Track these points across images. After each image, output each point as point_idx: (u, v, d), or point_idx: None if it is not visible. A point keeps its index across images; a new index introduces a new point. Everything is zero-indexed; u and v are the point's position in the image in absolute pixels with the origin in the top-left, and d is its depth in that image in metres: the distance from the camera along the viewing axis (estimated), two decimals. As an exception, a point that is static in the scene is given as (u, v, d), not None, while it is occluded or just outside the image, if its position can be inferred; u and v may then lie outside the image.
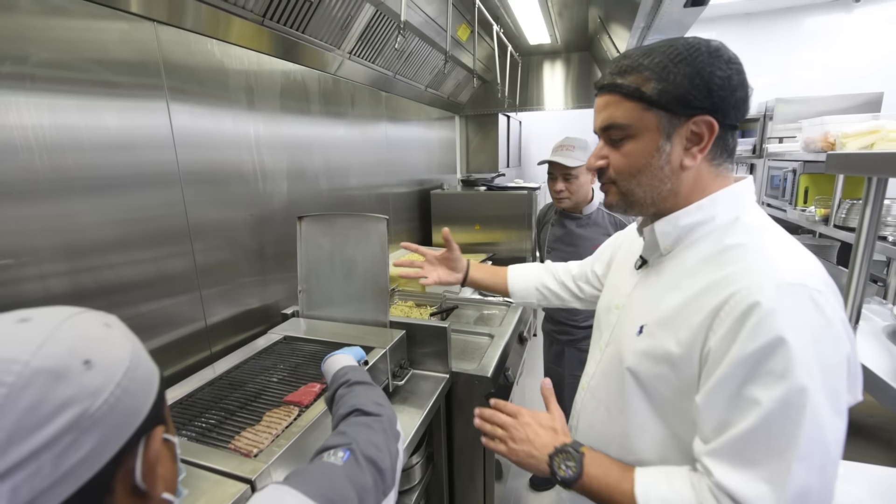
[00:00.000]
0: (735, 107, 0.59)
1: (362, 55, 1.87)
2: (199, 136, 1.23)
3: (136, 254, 1.08)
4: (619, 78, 0.63)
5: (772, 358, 0.50)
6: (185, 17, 1.14)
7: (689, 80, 0.58)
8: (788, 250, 0.58)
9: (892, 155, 0.74)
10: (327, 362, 0.89)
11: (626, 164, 0.64)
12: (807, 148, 2.42)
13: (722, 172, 0.64)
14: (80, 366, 0.35)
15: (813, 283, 0.53)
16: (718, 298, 0.55)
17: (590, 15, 2.55)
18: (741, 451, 0.52)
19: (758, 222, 0.62)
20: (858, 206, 2.09)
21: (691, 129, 0.60)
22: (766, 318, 0.51)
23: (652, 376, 0.63)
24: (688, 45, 0.59)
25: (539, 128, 4.84)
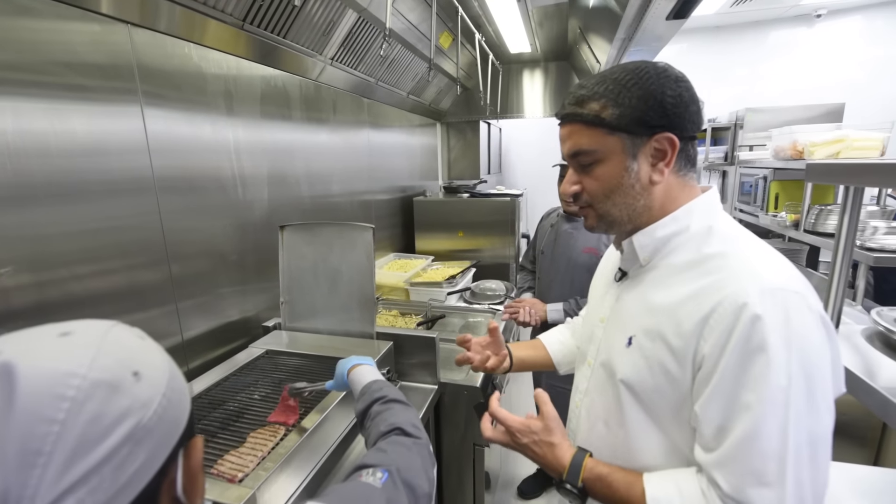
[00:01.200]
0: (690, 120, 0.63)
1: (344, 61, 1.84)
2: (176, 142, 1.18)
3: (107, 265, 1.02)
4: (578, 108, 0.66)
5: (758, 361, 0.53)
6: (160, 19, 1.09)
7: (643, 102, 0.62)
8: (765, 257, 0.61)
9: (871, 165, 0.77)
10: (353, 373, 0.86)
11: (599, 187, 0.67)
12: (777, 156, 2.52)
13: (688, 182, 0.68)
14: (130, 377, 0.35)
15: (793, 286, 0.56)
16: (707, 306, 0.57)
17: (569, 25, 2.59)
18: (742, 457, 0.53)
19: (731, 231, 0.65)
20: (826, 212, 2.19)
21: (654, 147, 0.64)
22: (753, 324, 0.53)
23: (646, 387, 0.63)
24: (636, 70, 0.63)
25: (519, 135, 4.89)
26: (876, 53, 3.90)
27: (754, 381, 0.53)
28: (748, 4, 3.60)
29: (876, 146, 2.02)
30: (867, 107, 3.47)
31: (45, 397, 0.31)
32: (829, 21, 3.96)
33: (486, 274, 2.57)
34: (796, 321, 0.53)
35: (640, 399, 0.64)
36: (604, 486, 0.65)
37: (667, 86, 0.62)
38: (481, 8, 2.21)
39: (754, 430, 0.52)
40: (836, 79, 3.99)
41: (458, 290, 2.16)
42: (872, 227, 1.94)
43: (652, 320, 0.64)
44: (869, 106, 3.53)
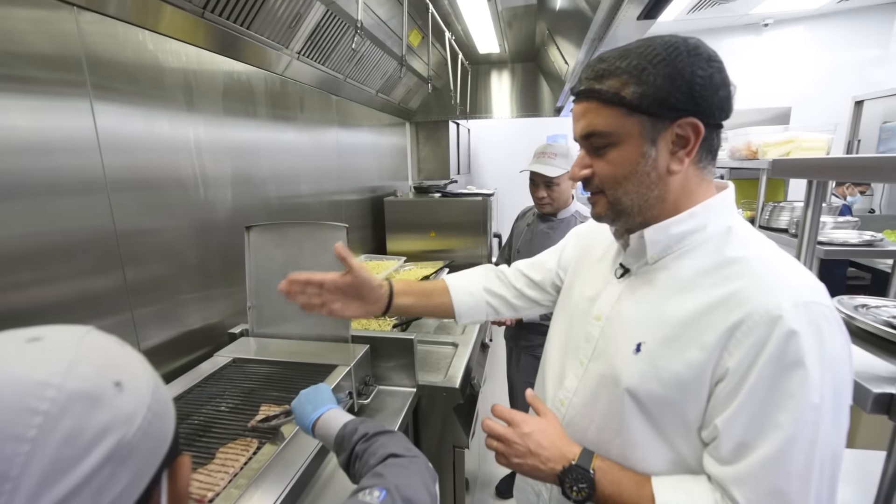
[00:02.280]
0: (719, 106, 0.57)
1: (312, 56, 1.78)
2: (130, 139, 1.10)
3: (52, 271, 0.93)
4: (596, 83, 0.60)
5: (793, 379, 0.50)
6: (110, 3, 1.01)
7: (669, 82, 0.55)
8: (791, 265, 0.57)
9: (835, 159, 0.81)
10: (318, 425, 0.74)
11: (612, 172, 0.61)
12: (733, 156, 2.64)
13: (706, 176, 0.63)
14: (112, 388, 0.31)
15: (824, 301, 0.53)
16: (734, 316, 0.54)
17: (538, 27, 2.63)
18: (766, 476, 0.51)
19: (750, 234, 0.61)
20: (779, 209, 2.31)
21: (676, 133, 0.58)
22: (789, 339, 0.50)
23: (656, 398, 0.59)
24: (665, 45, 0.57)
25: (487, 135, 4.92)
26: (819, 61, 4.19)
27: (788, 398, 0.50)
28: (702, 13, 3.78)
29: (822, 146, 2.16)
30: (812, 110, 3.72)
31: (13, 411, 0.27)
32: (776, 30, 4.22)
33: (459, 274, 2.55)
34: (830, 338, 0.51)
35: (646, 409, 0.60)
36: (614, 478, 0.60)
37: (697, 65, 0.55)
38: (451, 6, 2.20)
39: (782, 450, 0.50)
40: (783, 84, 4.25)
41: (432, 290, 2.13)
42: (821, 222, 2.06)
43: (668, 328, 0.59)
44: (813, 109, 3.78)
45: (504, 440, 0.67)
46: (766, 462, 0.51)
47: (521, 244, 1.84)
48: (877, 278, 2.95)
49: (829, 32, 4.10)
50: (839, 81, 4.07)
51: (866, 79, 3.98)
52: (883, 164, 0.69)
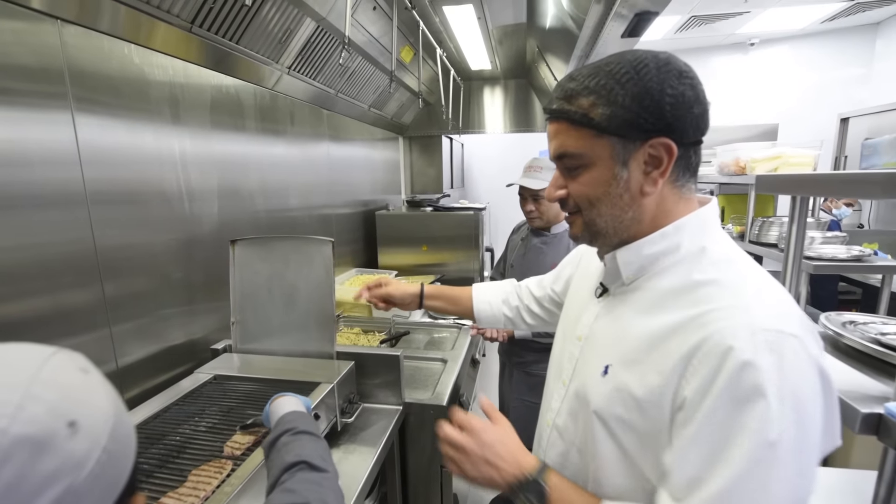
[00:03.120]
0: (693, 125, 0.56)
1: (303, 71, 1.79)
2: (112, 152, 1.08)
3: (26, 286, 0.90)
4: (566, 103, 0.58)
5: (747, 413, 0.47)
6: (96, 16, 1.01)
7: (638, 102, 0.54)
8: (762, 288, 0.54)
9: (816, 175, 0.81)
10: (274, 403, 0.81)
11: (585, 194, 0.60)
12: (721, 171, 2.67)
13: (685, 194, 0.61)
14: (64, 430, 0.29)
15: (789, 327, 0.49)
16: (690, 343, 0.51)
17: (528, 45, 2.67)
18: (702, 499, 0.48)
19: (726, 254, 0.58)
20: (768, 223, 2.33)
21: (649, 153, 0.56)
22: (742, 370, 0.47)
23: (622, 422, 0.57)
24: (634, 62, 0.55)
25: (481, 150, 4.96)
26: (804, 80, 4.28)
27: (740, 433, 0.47)
28: (690, 31, 3.87)
29: (809, 162, 2.19)
30: (798, 127, 3.77)
31: None
32: (762, 49, 4.32)
33: (450, 288, 2.54)
34: (792, 370, 0.47)
35: (613, 433, 0.58)
36: (565, 496, 0.60)
37: (667, 82, 0.53)
38: (442, 24, 2.23)
39: (730, 489, 0.47)
40: (770, 102, 4.34)
41: (422, 305, 2.11)
42: (810, 237, 2.08)
43: (630, 350, 0.58)
44: (800, 126, 3.84)
45: (461, 449, 0.65)
46: (713, 500, 0.47)
47: (514, 258, 1.83)
48: (867, 293, 2.97)
49: (815, 52, 4.21)
50: (825, 99, 4.15)
51: (851, 97, 4.07)
52: (863, 179, 0.69)
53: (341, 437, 1.14)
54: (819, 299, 2.91)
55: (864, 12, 3.67)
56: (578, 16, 1.29)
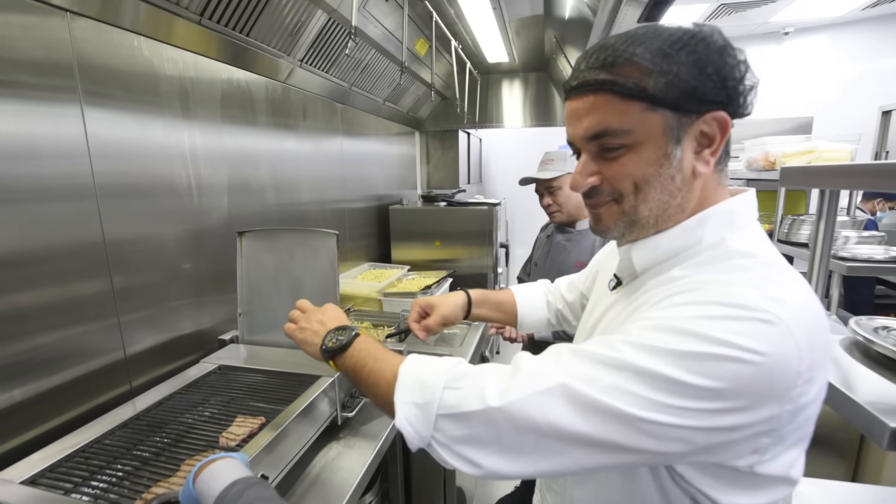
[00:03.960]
0: (745, 100, 0.52)
1: (315, 64, 1.79)
2: (121, 146, 1.10)
3: (34, 276, 0.92)
4: (605, 73, 0.51)
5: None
6: (104, 9, 1.02)
7: (698, 70, 0.48)
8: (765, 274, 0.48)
9: (845, 167, 0.74)
10: (201, 477, 0.59)
11: (630, 177, 0.53)
12: (750, 167, 2.55)
13: (723, 180, 0.56)
14: None
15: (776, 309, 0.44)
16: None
17: (546, 36, 2.60)
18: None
19: (745, 245, 0.52)
20: (799, 222, 2.21)
21: (701, 129, 0.51)
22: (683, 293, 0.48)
23: None
24: (681, 30, 0.50)
25: (499, 145, 4.90)
26: (842, 71, 4.04)
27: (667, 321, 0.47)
28: (720, 20, 3.70)
29: (845, 157, 2.06)
30: (834, 121, 3.57)
31: None
32: (797, 39, 4.10)
33: (463, 284, 2.49)
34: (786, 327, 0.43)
35: None
36: (372, 342, 0.68)
37: (726, 51, 0.49)
38: (457, 15, 2.19)
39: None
40: (804, 94, 4.12)
41: (432, 300, 2.09)
42: (844, 236, 1.96)
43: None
44: (836, 121, 3.64)
45: (296, 320, 0.83)
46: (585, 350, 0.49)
47: (538, 257, 1.79)
48: (907, 297, 2.79)
49: (854, 41, 3.97)
50: (864, 91, 3.91)
51: (892, 89, 3.82)
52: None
53: (342, 431, 1.13)
54: (853, 303, 2.75)
55: (912, -3, 3.43)
56: (593, 2, 1.24)
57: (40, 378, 0.93)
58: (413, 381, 0.55)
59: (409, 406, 0.53)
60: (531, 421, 0.46)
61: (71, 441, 0.84)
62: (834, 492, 0.96)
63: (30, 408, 0.91)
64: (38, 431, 0.93)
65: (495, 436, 0.48)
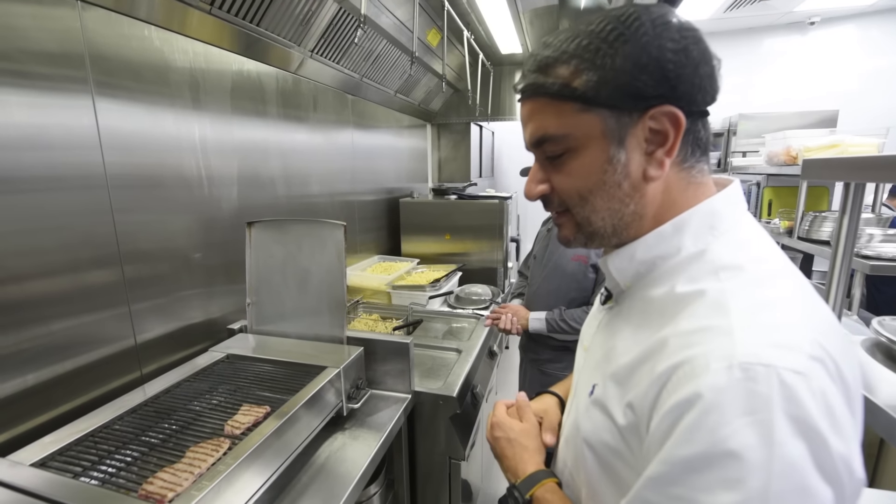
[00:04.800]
0: (701, 87, 0.45)
1: (326, 54, 1.78)
2: (132, 137, 1.10)
3: (49, 264, 0.94)
4: (540, 76, 0.48)
5: (703, 475, 0.37)
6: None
7: (633, 62, 0.43)
8: (767, 303, 0.41)
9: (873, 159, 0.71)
10: None
11: (574, 187, 0.50)
12: (770, 161, 2.47)
13: (696, 178, 0.50)
14: None
15: (788, 361, 0.37)
16: (665, 366, 0.42)
17: (560, 26, 2.55)
18: None
19: (731, 257, 0.46)
20: (821, 219, 2.13)
21: (650, 127, 0.46)
22: (706, 418, 0.37)
23: (610, 449, 0.49)
24: (622, 17, 0.45)
25: (512, 139, 4.84)
26: (870, 62, 3.89)
27: (706, 487, 0.36)
28: (742, 10, 3.58)
29: (871, 151, 1.98)
30: (860, 115, 3.44)
31: None
32: (823, 29, 3.95)
33: (472, 278, 2.50)
34: (784, 421, 0.35)
35: (604, 461, 0.50)
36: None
37: (667, 37, 0.43)
38: (470, 5, 2.16)
39: None
40: (830, 87, 3.97)
41: (440, 293, 2.09)
42: (868, 234, 1.89)
43: (614, 370, 0.49)
44: (862, 114, 3.51)
45: (495, 427, 0.70)
46: None
47: (538, 250, 1.77)
48: (935, 298, 2.69)
49: (883, 31, 3.81)
50: (892, 84, 3.76)
51: (926, 81, 3.67)
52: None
53: (347, 422, 1.14)
54: (876, 303, 2.66)
55: (948, -16, 3.28)
56: (609, -11, 1.20)
57: (53, 363, 0.95)
58: None
59: None
60: None
61: (81, 425, 0.86)
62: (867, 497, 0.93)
63: (42, 392, 0.93)
64: (50, 416, 0.95)
65: None
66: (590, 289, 1.57)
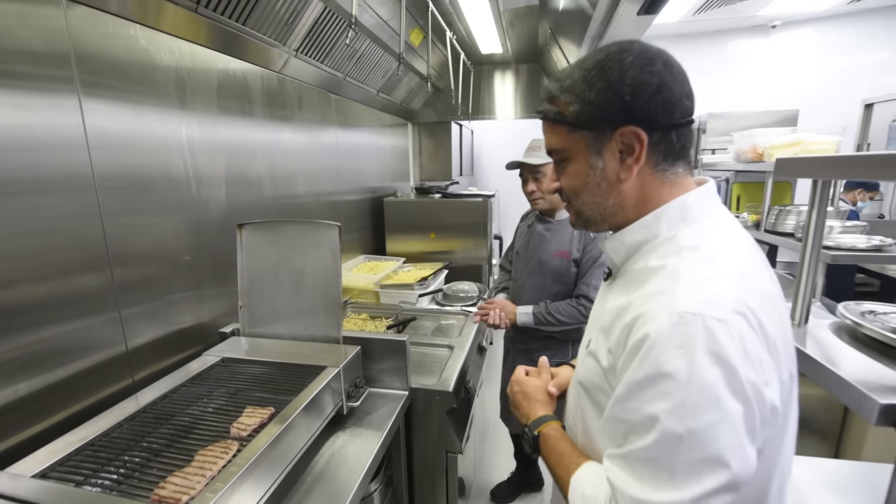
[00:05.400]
0: (663, 109, 0.58)
1: (310, 53, 1.77)
2: (119, 137, 1.08)
3: (37, 269, 0.91)
4: (548, 104, 0.66)
5: (648, 390, 0.51)
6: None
7: (601, 96, 0.59)
8: (706, 273, 0.54)
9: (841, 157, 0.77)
10: None
11: (569, 185, 0.67)
12: (738, 158, 2.60)
13: (670, 178, 0.62)
14: None
15: (714, 311, 0.50)
16: (626, 321, 0.56)
17: (540, 28, 2.60)
18: (627, 464, 0.53)
19: (692, 241, 0.58)
20: (785, 212, 2.27)
21: (621, 142, 0.60)
22: (651, 350, 0.51)
23: (594, 387, 0.64)
24: (603, 59, 0.59)
25: (491, 137, 4.90)
26: (828, 64, 4.13)
27: (646, 406, 0.51)
28: (708, 14, 3.74)
29: (830, 149, 2.11)
30: (820, 114, 3.65)
31: None
32: (784, 32, 4.16)
33: (458, 275, 2.53)
34: (702, 353, 0.48)
35: (594, 399, 0.64)
36: (549, 446, 0.71)
37: (628, 74, 0.57)
38: (452, 5, 2.18)
39: (646, 452, 0.51)
40: (791, 87, 4.19)
41: (429, 291, 2.11)
42: (829, 226, 2.02)
43: (603, 326, 0.63)
44: (821, 113, 3.72)
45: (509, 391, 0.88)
46: (626, 455, 0.53)
47: (520, 246, 1.81)
48: (886, 284, 2.90)
49: (839, 34, 4.04)
50: (848, 84, 4.00)
51: (876, 82, 3.92)
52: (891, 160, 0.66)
53: (347, 421, 1.15)
54: (835, 290, 2.84)
55: (894, -8, 3.51)
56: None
57: (45, 371, 0.93)
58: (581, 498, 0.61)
59: None
60: None
61: (79, 434, 0.84)
62: (821, 469, 1.01)
63: (35, 402, 0.91)
64: (44, 426, 0.92)
65: None
66: (572, 282, 1.62)
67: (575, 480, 0.62)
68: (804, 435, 1.67)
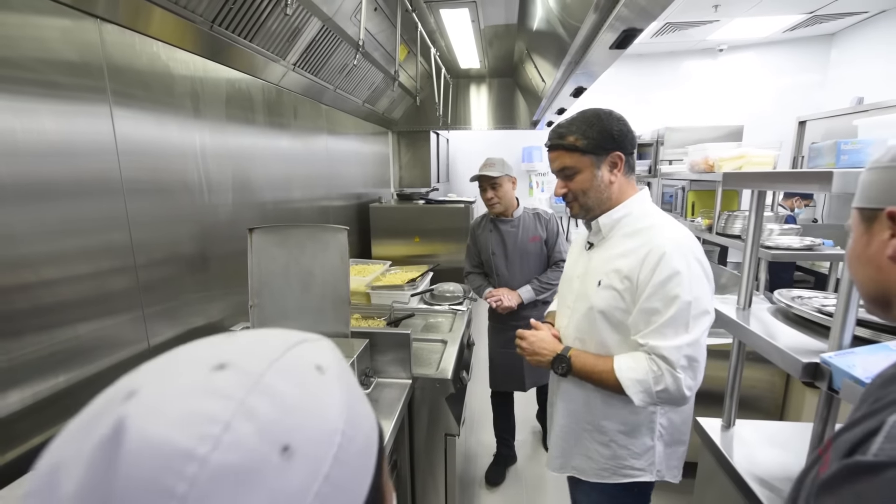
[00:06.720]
0: (629, 143, 1.02)
1: (306, 67, 1.87)
2: (144, 144, 1.16)
3: (74, 269, 0.98)
4: (562, 140, 1.03)
5: (669, 283, 0.92)
6: (131, 15, 1.08)
7: (602, 135, 1.00)
8: (672, 228, 0.99)
9: (771, 173, 0.97)
10: None
11: (580, 188, 1.05)
12: (692, 169, 2.88)
13: (631, 182, 1.07)
14: (276, 457, 0.23)
15: (688, 244, 0.96)
16: (642, 252, 0.96)
17: (517, 46, 2.80)
18: (658, 331, 0.94)
19: (654, 213, 1.05)
20: (733, 217, 2.55)
21: (610, 161, 1.02)
22: (666, 261, 0.93)
23: (612, 307, 1.01)
24: (595, 115, 1.01)
25: (465, 146, 5.09)
26: (769, 84, 4.58)
27: (665, 294, 0.92)
28: (665, 37, 4.08)
29: (769, 161, 2.41)
30: (762, 128, 4.06)
31: (144, 494, 0.21)
32: (730, 55, 4.59)
33: (442, 278, 2.66)
34: (692, 261, 0.94)
35: (609, 319, 1.02)
36: (581, 360, 1.04)
37: (613, 124, 1.01)
38: (437, 24, 2.34)
39: (667, 320, 0.92)
40: (736, 104, 4.62)
41: (420, 291, 2.23)
42: (769, 229, 2.30)
43: (612, 266, 1.01)
44: (763, 127, 4.13)
45: (523, 343, 1.15)
46: (658, 326, 0.93)
47: (494, 246, 2.01)
48: (819, 280, 3.26)
49: (778, 58, 4.51)
50: (786, 103, 4.46)
51: (809, 101, 4.39)
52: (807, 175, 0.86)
53: (359, 407, 1.25)
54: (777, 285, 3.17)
55: (821, 24, 3.97)
56: (570, 23, 1.42)
57: (81, 366, 0.99)
58: (633, 382, 0.97)
59: (639, 395, 0.96)
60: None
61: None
62: (764, 429, 1.21)
63: (70, 395, 0.97)
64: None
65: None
66: (546, 259, 2.04)
67: (617, 363, 0.98)
68: (753, 412, 1.92)
